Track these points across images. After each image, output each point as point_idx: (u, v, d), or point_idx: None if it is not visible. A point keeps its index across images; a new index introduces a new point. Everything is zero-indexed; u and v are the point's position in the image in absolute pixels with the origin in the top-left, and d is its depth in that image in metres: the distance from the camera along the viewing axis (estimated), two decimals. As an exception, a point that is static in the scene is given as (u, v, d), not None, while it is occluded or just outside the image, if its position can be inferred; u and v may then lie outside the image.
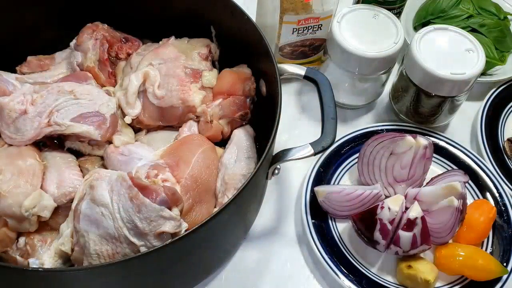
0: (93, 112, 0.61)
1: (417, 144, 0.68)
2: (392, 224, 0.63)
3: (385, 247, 0.64)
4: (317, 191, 0.69)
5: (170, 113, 0.65)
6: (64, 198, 0.58)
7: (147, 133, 0.67)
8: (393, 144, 0.69)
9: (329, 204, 0.69)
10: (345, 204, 0.69)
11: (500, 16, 0.85)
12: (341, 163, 0.75)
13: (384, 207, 0.63)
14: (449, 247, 0.66)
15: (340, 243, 0.68)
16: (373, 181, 0.72)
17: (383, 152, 0.70)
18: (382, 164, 0.70)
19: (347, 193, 0.68)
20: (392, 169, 0.70)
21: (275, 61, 0.60)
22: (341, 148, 0.76)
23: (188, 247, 0.53)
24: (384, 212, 0.63)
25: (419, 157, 0.69)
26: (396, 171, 0.70)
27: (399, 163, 0.70)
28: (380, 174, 0.71)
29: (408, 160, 0.69)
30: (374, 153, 0.71)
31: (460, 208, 0.64)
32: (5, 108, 0.60)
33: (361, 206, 0.68)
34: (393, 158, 0.70)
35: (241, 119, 0.67)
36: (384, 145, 0.70)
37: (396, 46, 0.73)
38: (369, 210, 0.64)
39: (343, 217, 0.70)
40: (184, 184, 0.57)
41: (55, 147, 0.62)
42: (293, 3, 0.73)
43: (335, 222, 0.70)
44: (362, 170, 0.72)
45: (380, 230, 0.63)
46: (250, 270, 0.68)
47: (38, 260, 0.56)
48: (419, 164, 0.69)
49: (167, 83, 0.65)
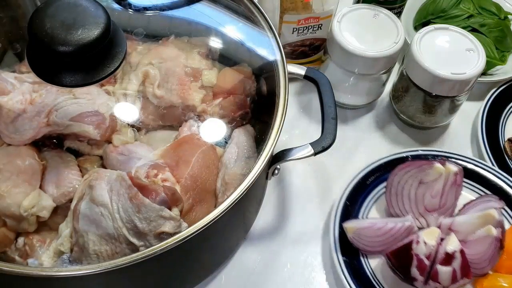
0: (93, 112, 0.61)
1: (446, 171, 0.66)
2: (429, 259, 0.61)
3: (423, 283, 0.62)
4: (347, 227, 0.66)
5: (170, 112, 0.65)
6: (63, 198, 0.57)
7: (147, 132, 0.67)
8: (421, 173, 0.67)
9: (360, 240, 0.66)
10: (377, 239, 0.66)
11: (501, 15, 0.85)
12: (367, 194, 0.72)
13: (419, 241, 0.61)
14: (490, 278, 0.64)
15: (374, 281, 0.66)
16: (403, 212, 0.69)
17: (411, 182, 0.68)
18: (411, 194, 0.68)
19: (378, 228, 0.66)
20: (423, 198, 0.68)
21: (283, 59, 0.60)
22: (365, 178, 0.73)
23: (188, 247, 0.52)
24: (420, 247, 0.61)
25: (449, 185, 0.67)
26: (427, 200, 0.68)
27: (429, 192, 0.67)
28: (410, 204, 0.68)
29: (439, 188, 0.67)
30: (402, 183, 0.68)
31: (499, 237, 0.62)
32: (4, 108, 0.59)
33: (393, 240, 0.66)
34: (423, 187, 0.67)
35: (241, 119, 0.66)
36: (411, 174, 0.68)
37: (397, 46, 0.73)
38: (404, 246, 0.62)
39: (375, 253, 0.67)
40: (184, 184, 0.57)
41: (54, 147, 0.62)
42: (293, 3, 0.73)
43: (367, 258, 0.67)
44: (391, 201, 0.69)
45: (417, 266, 0.61)
46: (250, 270, 0.68)
47: (37, 261, 0.56)
48: (450, 192, 0.67)
49: (167, 82, 0.65)
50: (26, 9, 0.70)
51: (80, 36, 0.48)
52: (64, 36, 0.48)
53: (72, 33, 0.48)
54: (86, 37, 0.48)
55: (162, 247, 0.48)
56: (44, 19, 0.48)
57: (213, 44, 0.70)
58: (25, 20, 0.50)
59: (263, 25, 0.65)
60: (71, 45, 0.48)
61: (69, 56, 0.49)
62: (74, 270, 0.49)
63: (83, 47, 0.48)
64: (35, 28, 0.48)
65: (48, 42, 0.48)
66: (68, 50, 0.48)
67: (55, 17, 0.48)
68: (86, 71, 0.52)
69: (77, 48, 0.48)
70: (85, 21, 0.49)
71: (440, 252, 0.61)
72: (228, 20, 0.69)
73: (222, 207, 0.51)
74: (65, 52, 0.48)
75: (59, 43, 0.48)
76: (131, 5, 0.68)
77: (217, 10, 0.69)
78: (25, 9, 0.70)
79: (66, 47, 0.48)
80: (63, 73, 0.51)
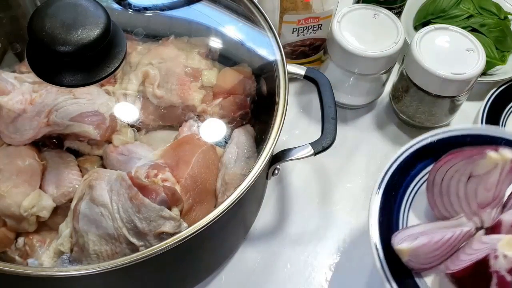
0: (93, 112, 0.61)
1: (502, 159, 0.57)
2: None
3: None
4: (401, 250, 0.55)
5: (170, 112, 0.65)
6: (63, 198, 0.57)
7: (147, 132, 0.67)
8: (470, 165, 0.57)
9: (417, 261, 0.56)
10: (434, 254, 0.56)
11: (501, 16, 0.85)
12: (401, 199, 0.62)
13: (498, 255, 0.52)
14: None
15: None
16: (451, 213, 0.60)
17: (459, 177, 0.58)
18: (460, 191, 0.59)
19: (436, 241, 0.56)
20: (475, 194, 0.58)
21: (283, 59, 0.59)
22: (392, 179, 0.62)
23: (188, 247, 0.52)
24: (499, 261, 0.52)
25: (505, 174, 0.57)
26: (480, 195, 0.58)
27: (482, 186, 0.58)
28: (460, 203, 0.59)
29: (494, 180, 0.57)
30: (447, 179, 0.59)
31: None
32: (4, 108, 0.59)
33: (450, 249, 0.57)
34: (474, 181, 0.58)
35: (241, 119, 0.66)
36: (458, 168, 0.58)
37: (397, 46, 0.73)
38: (478, 263, 0.53)
39: (431, 269, 0.58)
40: (184, 184, 0.57)
41: (54, 147, 0.62)
42: (293, 3, 0.73)
43: (422, 277, 0.58)
44: (435, 202, 0.60)
45: (498, 284, 0.52)
46: (250, 270, 0.68)
47: (37, 261, 0.56)
48: (505, 181, 0.58)
49: (167, 82, 0.65)
50: (26, 9, 0.70)
51: (80, 36, 0.48)
52: (64, 36, 0.48)
53: (72, 33, 0.48)
54: (86, 37, 0.48)
55: (162, 247, 0.48)
56: (44, 19, 0.48)
57: (213, 44, 0.70)
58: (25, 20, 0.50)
59: (263, 25, 0.65)
60: (71, 45, 0.48)
61: (69, 56, 0.49)
62: (74, 270, 0.49)
63: (83, 47, 0.48)
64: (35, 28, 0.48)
65: (48, 42, 0.48)
66: (68, 50, 0.48)
67: (55, 17, 0.48)
68: (86, 71, 0.52)
69: (77, 48, 0.48)
70: (85, 21, 0.49)
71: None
72: (228, 20, 0.69)
73: (222, 207, 0.51)
74: (65, 52, 0.48)
75: (59, 43, 0.48)
76: (131, 5, 0.68)
77: (217, 10, 0.69)
78: (25, 9, 0.70)
79: (66, 47, 0.48)
80: (63, 73, 0.51)
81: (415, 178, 0.63)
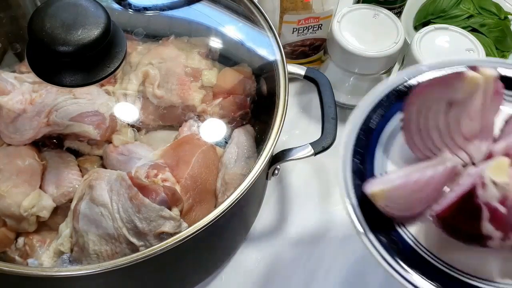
0: (93, 112, 0.61)
1: (484, 78, 0.47)
2: (505, 204, 0.42)
3: (502, 239, 0.43)
4: (373, 193, 0.45)
5: (170, 112, 0.65)
6: (63, 198, 0.57)
7: (147, 132, 0.67)
8: (447, 90, 0.48)
9: (395, 206, 0.46)
10: (415, 197, 0.46)
11: (501, 16, 0.85)
12: (375, 142, 0.51)
13: (486, 183, 0.42)
14: None
15: (427, 255, 0.46)
16: (434, 151, 0.50)
17: (437, 107, 0.48)
18: (441, 123, 0.49)
19: (415, 182, 0.46)
20: (458, 124, 0.49)
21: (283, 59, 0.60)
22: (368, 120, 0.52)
23: (188, 247, 0.52)
24: (489, 191, 0.42)
25: (490, 96, 0.48)
26: (465, 126, 0.49)
27: (465, 114, 0.48)
28: (441, 137, 0.49)
29: (478, 106, 0.48)
30: (425, 112, 0.49)
31: None
32: (4, 108, 0.59)
33: (435, 191, 0.47)
34: (455, 110, 0.48)
35: (241, 119, 0.66)
36: (435, 97, 0.48)
37: (397, 46, 0.73)
38: (464, 197, 0.43)
39: (414, 217, 0.48)
40: (184, 184, 0.57)
41: (54, 147, 0.62)
42: (293, 3, 0.73)
43: (405, 226, 0.48)
44: (414, 142, 0.50)
45: (491, 219, 0.42)
46: (250, 271, 0.68)
47: (37, 261, 0.56)
48: (491, 106, 0.48)
49: (167, 82, 0.65)
50: (26, 9, 0.70)
51: (80, 36, 0.48)
52: (64, 36, 0.48)
53: (72, 33, 0.48)
54: (86, 37, 0.48)
55: (162, 247, 0.48)
56: (44, 19, 0.48)
57: (213, 44, 0.70)
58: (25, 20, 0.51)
59: (263, 25, 0.65)
60: (71, 45, 0.48)
61: (69, 56, 0.49)
62: (74, 270, 0.49)
63: (83, 47, 0.48)
64: (35, 28, 0.48)
65: (48, 42, 0.48)
66: (68, 50, 0.48)
67: (55, 17, 0.48)
68: (86, 71, 0.52)
69: (77, 48, 0.48)
70: (85, 21, 0.49)
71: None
72: (228, 20, 0.69)
73: (222, 207, 0.51)
74: (65, 52, 0.48)
75: (59, 43, 0.48)
76: (131, 5, 0.68)
77: (217, 10, 0.69)
78: (25, 9, 0.70)
79: (66, 47, 0.48)
80: (63, 73, 0.51)
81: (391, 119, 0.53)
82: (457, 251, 0.46)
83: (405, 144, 0.51)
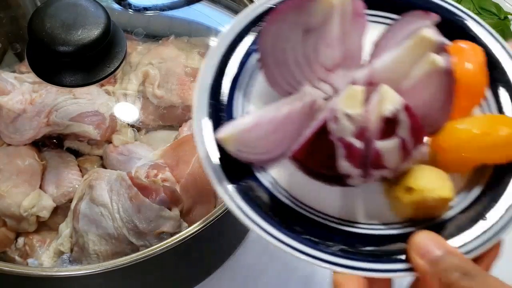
0: (93, 112, 0.61)
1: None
2: (361, 138, 0.37)
3: (362, 176, 0.39)
4: (223, 139, 0.39)
5: (170, 112, 0.65)
6: (63, 198, 0.57)
7: (147, 132, 0.67)
8: (301, 15, 0.41)
9: (250, 150, 0.40)
10: (272, 138, 0.40)
11: (501, 16, 0.85)
12: (235, 82, 0.44)
13: (338, 117, 0.37)
14: (450, 131, 0.41)
15: (289, 199, 0.41)
16: (295, 86, 0.43)
17: (292, 36, 0.42)
18: (297, 54, 0.43)
19: (269, 121, 0.40)
20: (316, 53, 0.43)
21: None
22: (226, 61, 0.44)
23: (188, 247, 0.52)
24: (342, 124, 0.37)
25: (350, 19, 0.42)
26: (323, 54, 0.43)
27: (322, 41, 0.42)
28: (300, 70, 0.43)
29: (335, 29, 0.42)
30: (281, 44, 0.42)
31: (449, 67, 0.39)
32: (4, 108, 0.59)
33: (296, 133, 0.40)
34: (312, 37, 0.42)
35: (241, 119, 0.67)
36: (289, 25, 0.42)
37: (397, 46, 0.73)
38: (317, 133, 0.38)
39: (275, 160, 0.41)
40: (184, 184, 0.57)
41: (54, 147, 0.62)
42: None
43: (265, 171, 0.42)
44: (273, 78, 0.43)
45: (346, 156, 0.37)
46: (249, 271, 0.68)
47: (37, 261, 0.56)
48: (353, 30, 0.43)
49: (167, 82, 0.65)
50: (26, 9, 0.70)
51: (80, 36, 0.48)
52: (64, 36, 0.48)
53: (72, 33, 0.48)
54: (86, 37, 0.48)
55: (162, 247, 0.48)
56: (44, 19, 0.48)
57: (213, 44, 0.70)
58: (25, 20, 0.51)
59: (263, 25, 0.65)
60: (71, 45, 0.48)
61: (69, 56, 0.49)
62: (74, 270, 0.49)
63: (83, 47, 0.48)
64: (35, 28, 0.48)
65: (48, 42, 0.48)
66: (68, 50, 0.48)
67: (55, 17, 0.49)
68: (86, 71, 0.52)
69: (77, 48, 0.48)
70: (85, 21, 0.49)
71: (373, 122, 0.37)
72: (228, 20, 0.69)
73: (222, 207, 0.51)
74: (65, 52, 0.48)
75: (59, 43, 0.48)
76: (131, 5, 0.68)
77: (217, 10, 0.69)
78: (25, 9, 0.70)
79: (66, 47, 0.48)
80: (63, 73, 0.51)
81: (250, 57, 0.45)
82: (321, 192, 0.41)
83: (265, 82, 0.44)
